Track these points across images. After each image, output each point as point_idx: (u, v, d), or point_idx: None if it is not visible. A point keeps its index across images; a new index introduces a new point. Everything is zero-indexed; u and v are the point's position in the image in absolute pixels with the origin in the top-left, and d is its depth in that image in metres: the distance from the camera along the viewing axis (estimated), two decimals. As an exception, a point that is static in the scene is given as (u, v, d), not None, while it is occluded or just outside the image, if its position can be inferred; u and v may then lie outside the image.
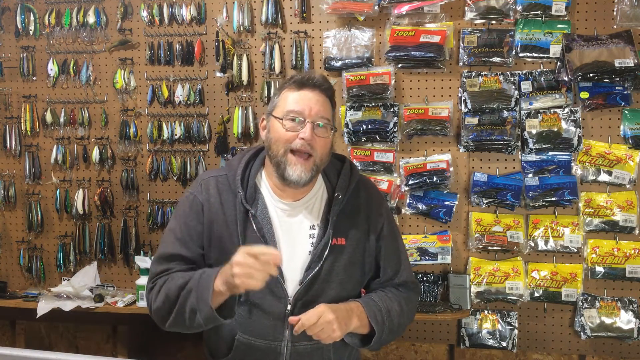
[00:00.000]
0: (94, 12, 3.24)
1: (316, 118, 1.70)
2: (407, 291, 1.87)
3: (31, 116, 3.36)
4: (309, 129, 1.68)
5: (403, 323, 1.84)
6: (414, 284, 1.92)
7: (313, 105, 1.70)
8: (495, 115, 2.84)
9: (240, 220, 1.72)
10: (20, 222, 3.43)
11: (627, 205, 2.77)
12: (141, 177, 3.27)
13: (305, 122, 1.69)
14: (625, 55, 2.68)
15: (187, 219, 1.77)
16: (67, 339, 3.39)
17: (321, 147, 1.70)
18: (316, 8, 3.01)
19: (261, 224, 1.73)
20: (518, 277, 2.84)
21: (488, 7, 2.83)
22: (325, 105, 1.74)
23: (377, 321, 1.72)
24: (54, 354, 1.31)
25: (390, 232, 1.86)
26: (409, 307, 1.87)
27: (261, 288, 1.58)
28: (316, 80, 1.74)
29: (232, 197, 1.76)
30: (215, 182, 1.79)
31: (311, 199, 1.79)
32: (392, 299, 1.81)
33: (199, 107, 3.18)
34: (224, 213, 1.75)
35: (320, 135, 1.71)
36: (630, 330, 2.76)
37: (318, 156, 1.71)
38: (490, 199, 2.86)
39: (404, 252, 1.91)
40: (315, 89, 1.73)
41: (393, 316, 1.77)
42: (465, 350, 2.96)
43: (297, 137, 1.68)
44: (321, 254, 1.72)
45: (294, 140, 1.68)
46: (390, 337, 1.80)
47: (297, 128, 1.69)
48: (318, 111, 1.70)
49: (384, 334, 1.75)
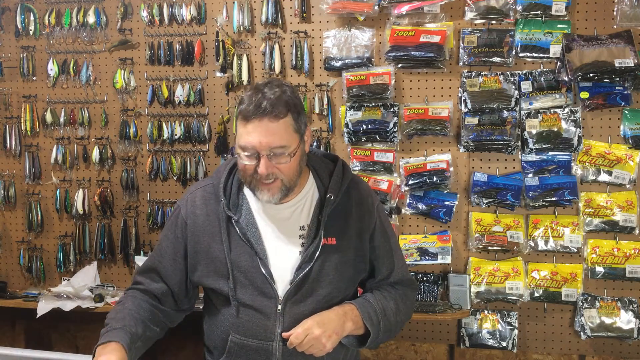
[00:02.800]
0: (94, 12, 3.24)
1: (269, 149, 1.63)
2: (403, 288, 1.88)
3: (31, 116, 3.36)
4: (263, 165, 1.64)
5: (400, 321, 1.85)
6: (410, 281, 1.92)
7: (262, 137, 1.62)
8: (495, 115, 2.84)
9: (224, 227, 1.75)
10: (20, 222, 3.43)
11: (627, 205, 2.77)
12: (141, 177, 3.27)
13: (259, 156, 1.64)
14: (625, 55, 2.68)
15: (168, 232, 1.84)
16: (67, 339, 3.39)
17: (286, 169, 1.67)
18: (316, 8, 3.01)
19: (245, 229, 1.74)
20: (518, 277, 2.84)
21: (488, 7, 2.83)
22: (277, 133, 1.64)
23: (372, 322, 1.73)
24: (54, 354, 1.32)
25: (382, 231, 1.85)
26: (406, 304, 1.87)
27: (250, 289, 1.68)
28: (262, 108, 1.61)
29: (217, 205, 1.78)
30: (202, 193, 1.83)
31: (300, 200, 1.79)
32: (388, 298, 1.82)
33: (199, 107, 3.18)
34: (210, 223, 1.78)
35: (280, 162, 1.66)
36: (630, 330, 2.76)
37: (285, 178, 1.68)
38: (490, 199, 2.86)
39: (398, 251, 1.91)
40: (264, 118, 1.61)
41: (389, 315, 1.78)
42: (465, 350, 2.96)
43: (257, 171, 1.66)
44: (312, 254, 1.72)
45: (255, 174, 1.66)
46: (387, 335, 1.81)
47: (254, 160, 1.66)
48: (269, 142, 1.62)
49: (380, 334, 1.76)
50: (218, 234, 1.76)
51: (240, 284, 1.73)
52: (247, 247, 1.73)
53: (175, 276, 1.81)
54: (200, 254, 1.79)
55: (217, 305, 1.79)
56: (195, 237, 1.80)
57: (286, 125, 1.65)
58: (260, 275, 1.72)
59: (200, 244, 1.79)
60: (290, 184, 1.70)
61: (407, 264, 1.98)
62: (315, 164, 1.84)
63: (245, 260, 1.73)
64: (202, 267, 1.79)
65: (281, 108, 1.63)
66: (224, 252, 1.74)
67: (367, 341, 1.75)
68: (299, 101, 1.72)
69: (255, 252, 1.73)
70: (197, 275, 1.79)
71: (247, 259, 1.73)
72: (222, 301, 1.76)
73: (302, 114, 1.71)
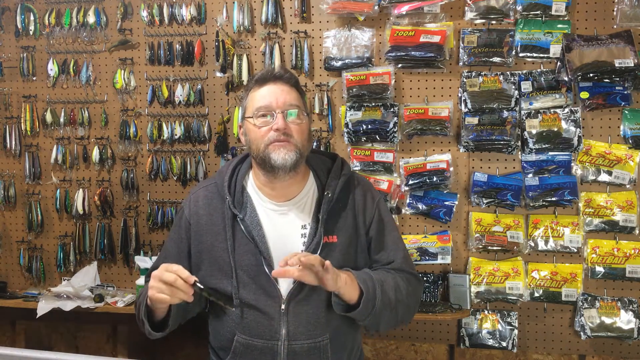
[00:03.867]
0: (94, 12, 3.24)
1: (285, 107, 1.73)
2: (404, 275, 1.82)
3: (31, 116, 3.36)
4: (280, 119, 1.71)
5: (402, 301, 1.76)
6: (414, 275, 1.86)
7: (279, 96, 1.73)
8: (495, 115, 2.85)
9: (228, 225, 1.76)
10: (20, 222, 3.43)
11: (627, 205, 2.77)
12: (141, 177, 3.27)
13: (275, 114, 1.72)
14: (625, 55, 2.68)
15: (172, 233, 1.89)
16: (67, 339, 3.39)
17: (298, 132, 1.73)
18: (316, 8, 3.01)
19: (250, 227, 1.75)
20: (518, 277, 2.85)
21: (488, 7, 2.83)
22: (292, 93, 1.76)
23: (366, 286, 1.68)
24: (54, 354, 1.31)
25: (380, 224, 1.84)
26: (409, 287, 1.80)
27: (254, 288, 1.69)
28: (276, 72, 1.77)
29: (221, 204, 1.80)
30: (205, 193, 1.85)
31: (302, 199, 1.80)
32: (387, 275, 1.77)
33: (199, 107, 3.18)
34: (213, 222, 1.80)
35: (294, 122, 1.73)
36: (630, 330, 2.76)
37: (297, 141, 1.73)
38: (490, 199, 2.86)
39: (398, 244, 1.87)
40: (277, 81, 1.76)
41: (387, 289, 1.72)
42: (465, 350, 2.96)
43: (272, 130, 1.71)
44: (313, 252, 1.72)
45: (270, 133, 1.71)
46: (386, 314, 1.73)
47: (269, 122, 1.72)
48: (285, 100, 1.73)
49: (377, 302, 1.69)
50: (222, 232, 1.77)
51: (243, 284, 1.73)
52: (251, 246, 1.74)
53: None
54: (203, 254, 1.79)
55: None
56: (199, 237, 1.80)
57: (297, 93, 1.78)
58: (264, 274, 1.72)
59: (204, 244, 1.79)
60: (302, 148, 1.74)
61: (413, 264, 1.91)
62: (314, 163, 1.85)
63: (249, 259, 1.73)
64: (206, 267, 1.79)
65: (291, 77, 1.79)
66: (227, 251, 1.74)
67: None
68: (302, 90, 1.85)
69: (259, 251, 1.73)
70: (200, 275, 1.78)
71: (250, 258, 1.73)
72: (226, 301, 1.75)
73: (305, 101, 1.83)
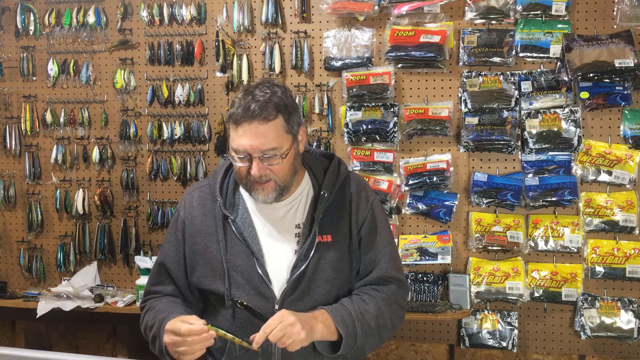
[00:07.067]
0: (94, 12, 3.24)
1: (260, 152, 1.65)
2: (388, 289, 1.79)
3: (31, 116, 3.36)
4: (255, 167, 1.65)
5: (384, 325, 1.75)
6: (398, 281, 1.82)
7: (253, 140, 1.64)
8: (495, 115, 2.84)
9: (220, 227, 1.76)
10: (20, 222, 3.43)
11: (627, 205, 2.77)
12: (141, 177, 3.27)
13: (252, 158, 1.66)
14: (625, 55, 2.68)
15: (169, 235, 1.87)
16: (67, 339, 3.39)
17: (278, 170, 1.68)
18: (316, 8, 3.01)
19: (241, 228, 1.75)
20: (518, 277, 2.84)
21: (488, 7, 2.83)
22: (268, 135, 1.65)
23: (345, 325, 1.66)
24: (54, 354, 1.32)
25: (372, 225, 1.81)
26: (391, 307, 1.78)
27: (247, 289, 1.70)
28: (251, 111, 1.63)
29: (213, 206, 1.79)
30: (199, 194, 1.84)
31: (296, 199, 1.79)
32: (367, 301, 1.74)
33: (199, 107, 3.18)
34: (206, 224, 1.79)
35: (272, 163, 1.67)
36: (630, 330, 2.76)
37: (278, 179, 1.69)
38: (490, 199, 2.86)
39: (388, 247, 1.83)
40: (253, 121, 1.63)
41: (368, 319, 1.70)
42: (465, 350, 2.96)
43: (250, 172, 1.68)
44: (307, 252, 1.72)
45: (249, 175, 1.68)
46: (370, 340, 1.72)
47: (246, 163, 1.68)
48: (260, 145, 1.64)
49: (358, 338, 1.68)
50: (214, 234, 1.77)
51: (236, 285, 1.73)
52: (243, 247, 1.74)
53: (180, 278, 1.82)
54: (197, 255, 1.79)
55: (216, 306, 1.79)
56: (193, 238, 1.80)
57: (276, 127, 1.66)
58: (257, 275, 1.72)
59: (198, 245, 1.79)
60: (284, 183, 1.71)
61: (400, 266, 1.88)
62: (310, 162, 1.84)
63: (242, 260, 1.73)
64: (200, 268, 1.79)
65: (271, 110, 1.65)
66: (220, 252, 1.74)
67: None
68: (290, 101, 1.72)
69: (251, 252, 1.73)
70: (195, 276, 1.79)
71: (243, 259, 1.73)
72: (221, 302, 1.76)
73: (294, 114, 1.71)
